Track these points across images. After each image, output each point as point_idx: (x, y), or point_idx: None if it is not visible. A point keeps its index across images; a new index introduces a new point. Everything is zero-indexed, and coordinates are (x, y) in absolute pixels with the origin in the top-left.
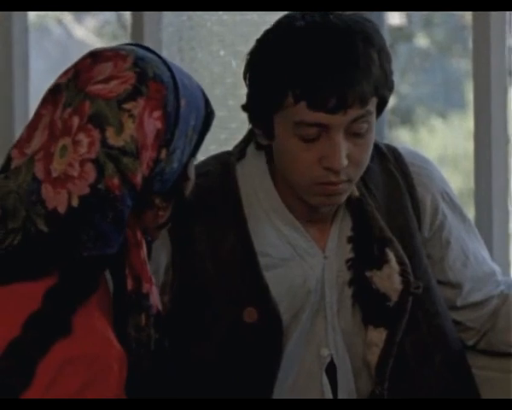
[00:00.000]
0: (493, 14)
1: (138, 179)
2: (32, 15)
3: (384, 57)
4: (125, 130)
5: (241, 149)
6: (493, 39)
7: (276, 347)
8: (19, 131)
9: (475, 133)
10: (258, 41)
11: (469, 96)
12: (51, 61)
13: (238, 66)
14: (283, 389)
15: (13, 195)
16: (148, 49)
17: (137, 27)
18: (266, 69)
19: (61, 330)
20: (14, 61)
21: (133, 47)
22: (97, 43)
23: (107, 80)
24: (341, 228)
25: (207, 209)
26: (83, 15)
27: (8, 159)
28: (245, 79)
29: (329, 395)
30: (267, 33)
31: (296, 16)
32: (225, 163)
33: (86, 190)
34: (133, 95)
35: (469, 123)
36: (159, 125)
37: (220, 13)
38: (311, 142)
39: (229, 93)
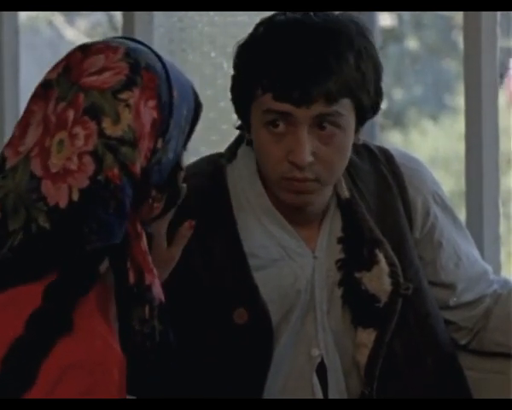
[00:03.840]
0: (484, 15)
1: (137, 169)
2: (23, 17)
3: (364, 60)
4: (122, 120)
5: (231, 151)
6: (484, 41)
7: (267, 347)
8: (9, 131)
9: (466, 135)
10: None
11: (460, 97)
12: (42, 62)
13: (229, 67)
14: (274, 389)
15: (12, 195)
16: (138, 41)
17: (128, 29)
18: (243, 61)
19: (62, 326)
20: (4, 63)
21: (123, 40)
22: None
23: (100, 72)
24: (331, 229)
25: (197, 211)
26: (74, 17)
27: (2, 159)
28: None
29: (320, 395)
30: (255, 28)
31: (281, 13)
32: (215, 165)
33: (86, 183)
34: (128, 85)
35: (460, 125)
36: (154, 114)
37: (211, 14)
38: (279, 136)
39: (220, 95)
